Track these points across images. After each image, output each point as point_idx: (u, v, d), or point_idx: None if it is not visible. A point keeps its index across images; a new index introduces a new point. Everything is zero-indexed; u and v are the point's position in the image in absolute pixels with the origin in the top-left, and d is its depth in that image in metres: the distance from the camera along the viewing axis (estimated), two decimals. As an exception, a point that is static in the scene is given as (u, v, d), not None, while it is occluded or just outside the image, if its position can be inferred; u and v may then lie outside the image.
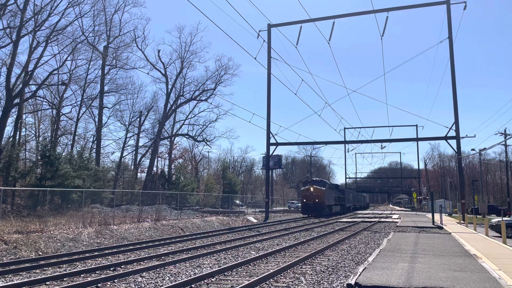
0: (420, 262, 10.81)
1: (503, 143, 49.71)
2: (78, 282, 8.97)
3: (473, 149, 72.20)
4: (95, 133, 45.96)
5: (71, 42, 38.01)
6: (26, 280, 9.20)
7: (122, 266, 11.52)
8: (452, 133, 34.81)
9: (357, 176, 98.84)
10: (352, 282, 8.13)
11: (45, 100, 40.78)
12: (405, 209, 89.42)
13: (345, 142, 60.05)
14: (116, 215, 24.10)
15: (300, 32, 38.82)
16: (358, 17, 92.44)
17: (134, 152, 52.94)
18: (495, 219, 25.40)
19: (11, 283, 8.92)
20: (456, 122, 34.46)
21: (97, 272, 10.65)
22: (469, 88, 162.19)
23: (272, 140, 40.72)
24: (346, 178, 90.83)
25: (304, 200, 43.06)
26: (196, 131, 56.35)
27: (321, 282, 9.50)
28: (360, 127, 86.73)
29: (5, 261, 12.03)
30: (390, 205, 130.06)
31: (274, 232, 23.39)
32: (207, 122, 55.93)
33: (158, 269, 11.00)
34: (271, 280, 9.70)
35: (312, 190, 42.57)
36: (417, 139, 58.39)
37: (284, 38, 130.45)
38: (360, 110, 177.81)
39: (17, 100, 34.07)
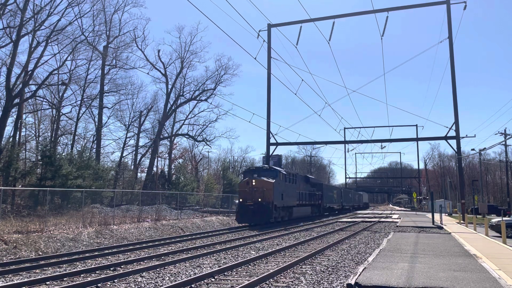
0: (420, 262, 10.81)
1: (503, 143, 49.68)
2: (78, 282, 8.97)
3: (473, 149, 72.14)
4: (95, 133, 45.95)
5: (71, 42, 38.00)
6: (26, 280, 9.20)
7: (122, 266, 11.53)
8: (452, 133, 34.84)
9: (357, 176, 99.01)
10: (352, 282, 8.12)
11: (45, 100, 40.78)
12: (405, 209, 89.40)
13: (345, 142, 60.06)
14: (116, 215, 24.10)
15: (300, 32, 38.88)
16: (358, 17, 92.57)
17: (134, 152, 52.95)
18: (495, 219, 25.40)
19: (11, 283, 8.92)
20: (456, 122, 34.47)
21: (97, 272, 10.65)
22: (469, 88, 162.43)
23: (272, 140, 40.71)
24: (346, 178, 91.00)
25: (241, 200, 27.36)
26: (196, 131, 56.38)
27: (321, 282, 9.50)
28: (360, 127, 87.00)
29: (5, 261, 12.04)
30: (390, 205, 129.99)
31: (274, 232, 23.38)
32: (207, 122, 55.92)
33: (158, 269, 11.01)
34: (271, 280, 9.70)
35: (254, 183, 26.91)
36: (417, 139, 58.43)
37: (284, 38, 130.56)
38: (360, 110, 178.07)
39: (17, 100, 34.06)
